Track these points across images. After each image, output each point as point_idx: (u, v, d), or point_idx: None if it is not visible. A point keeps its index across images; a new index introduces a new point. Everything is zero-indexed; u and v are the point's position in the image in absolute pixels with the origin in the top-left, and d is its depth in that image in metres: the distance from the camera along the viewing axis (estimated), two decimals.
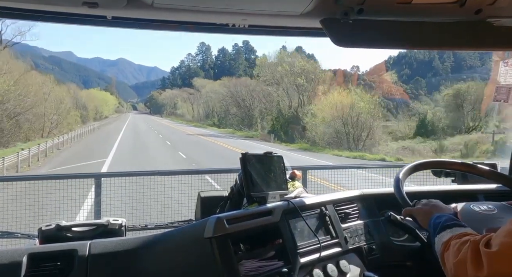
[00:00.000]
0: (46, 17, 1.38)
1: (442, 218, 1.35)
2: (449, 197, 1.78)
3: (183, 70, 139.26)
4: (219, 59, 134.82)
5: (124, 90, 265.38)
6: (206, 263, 1.32)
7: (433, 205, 1.48)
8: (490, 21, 1.42)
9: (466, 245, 1.14)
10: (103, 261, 1.39)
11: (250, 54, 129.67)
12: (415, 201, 1.60)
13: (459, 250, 1.15)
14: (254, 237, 1.46)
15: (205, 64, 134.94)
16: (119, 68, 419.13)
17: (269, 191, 1.59)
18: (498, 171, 2.04)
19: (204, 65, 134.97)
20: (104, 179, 4.94)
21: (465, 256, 1.12)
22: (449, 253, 1.20)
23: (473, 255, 1.09)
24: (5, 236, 2.10)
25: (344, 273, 1.57)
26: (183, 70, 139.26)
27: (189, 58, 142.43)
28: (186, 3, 1.29)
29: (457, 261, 1.14)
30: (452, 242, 1.21)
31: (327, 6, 1.28)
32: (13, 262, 1.31)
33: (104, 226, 1.66)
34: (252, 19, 1.48)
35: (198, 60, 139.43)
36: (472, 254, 1.10)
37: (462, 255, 1.13)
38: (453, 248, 1.18)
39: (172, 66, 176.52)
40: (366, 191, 1.95)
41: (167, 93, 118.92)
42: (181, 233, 1.52)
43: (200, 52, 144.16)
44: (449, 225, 1.30)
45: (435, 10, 1.33)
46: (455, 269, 1.15)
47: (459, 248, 1.16)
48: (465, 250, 1.13)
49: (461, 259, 1.13)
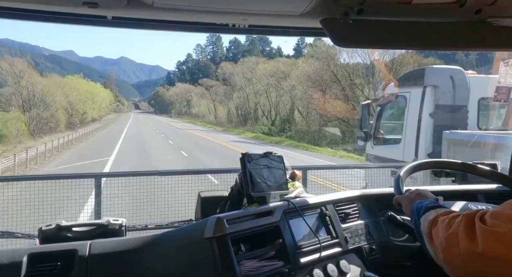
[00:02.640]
0: (46, 17, 1.38)
1: (425, 202, 1.37)
2: (449, 197, 1.78)
3: (190, 64, 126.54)
4: (231, 51, 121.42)
5: (126, 88, 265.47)
6: (206, 263, 1.32)
7: (418, 193, 1.50)
8: (490, 21, 1.41)
9: (458, 219, 1.12)
10: (103, 261, 1.39)
11: (265, 46, 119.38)
12: (406, 189, 1.63)
13: (450, 224, 1.13)
14: (254, 237, 1.45)
15: (216, 57, 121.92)
16: (120, 67, 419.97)
17: (269, 191, 1.60)
18: (498, 171, 2.04)
19: (215, 58, 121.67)
20: (104, 179, 4.95)
21: (457, 229, 1.09)
22: (437, 228, 1.18)
23: (467, 227, 1.07)
24: (5, 236, 2.11)
25: (344, 273, 1.57)
26: (190, 64, 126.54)
27: (198, 50, 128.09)
28: (186, 3, 1.29)
29: (448, 234, 1.12)
30: (440, 219, 1.20)
31: (327, 6, 1.28)
32: (13, 262, 1.31)
33: (104, 226, 1.66)
34: (252, 19, 1.48)
35: (208, 52, 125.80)
36: (466, 227, 1.07)
37: (454, 229, 1.11)
38: (442, 223, 1.17)
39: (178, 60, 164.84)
40: (366, 191, 1.95)
41: (177, 88, 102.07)
42: (181, 233, 1.52)
43: (210, 43, 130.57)
44: (433, 206, 1.32)
45: (435, 10, 1.33)
46: (446, 242, 1.12)
47: (450, 222, 1.14)
48: (458, 223, 1.10)
49: (452, 232, 1.11)
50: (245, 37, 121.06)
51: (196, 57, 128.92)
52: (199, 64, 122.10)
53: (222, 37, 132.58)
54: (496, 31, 1.44)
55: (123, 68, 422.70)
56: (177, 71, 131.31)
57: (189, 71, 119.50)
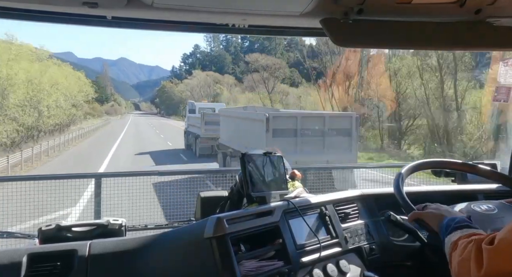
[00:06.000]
0: (46, 17, 1.38)
1: (455, 220, 1.33)
2: (449, 197, 1.78)
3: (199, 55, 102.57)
4: (246, 39, 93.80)
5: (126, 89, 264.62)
6: (206, 263, 1.32)
7: (445, 209, 1.46)
8: (490, 21, 1.42)
9: (471, 244, 1.13)
10: (103, 261, 1.39)
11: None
12: (423, 205, 1.53)
13: (464, 249, 1.15)
14: (254, 237, 1.45)
15: (230, 46, 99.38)
16: (120, 68, 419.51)
17: (269, 191, 1.59)
18: (498, 171, 2.04)
19: (228, 47, 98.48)
20: (104, 179, 4.95)
21: (468, 255, 1.11)
22: (456, 252, 1.19)
23: (476, 253, 1.08)
24: (5, 236, 2.10)
25: (344, 273, 1.57)
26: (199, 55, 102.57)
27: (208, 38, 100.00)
28: (186, 3, 1.29)
29: (461, 260, 1.13)
30: (460, 242, 1.20)
31: (327, 6, 1.28)
32: (13, 262, 1.31)
33: (104, 226, 1.66)
34: (252, 19, 1.48)
35: (222, 41, 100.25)
36: (476, 252, 1.09)
37: (466, 254, 1.12)
38: (460, 247, 1.18)
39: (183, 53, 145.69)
40: (366, 191, 1.95)
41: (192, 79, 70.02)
42: (181, 233, 1.52)
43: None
44: (460, 226, 1.29)
45: (435, 10, 1.33)
46: (458, 268, 1.14)
47: (465, 247, 1.15)
48: (470, 248, 1.12)
49: (464, 257, 1.12)
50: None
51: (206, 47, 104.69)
52: (211, 54, 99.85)
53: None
54: (496, 31, 1.44)
55: (123, 69, 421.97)
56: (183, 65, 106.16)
57: (200, 63, 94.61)
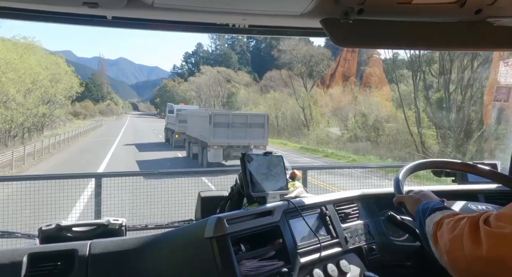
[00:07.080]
0: (46, 17, 1.38)
1: (431, 203, 1.37)
2: (449, 197, 1.78)
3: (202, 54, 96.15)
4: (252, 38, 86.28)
5: (124, 89, 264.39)
6: (206, 263, 1.32)
7: (423, 194, 1.50)
8: (490, 21, 1.42)
9: (463, 221, 1.12)
10: (103, 261, 1.39)
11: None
12: (408, 190, 1.63)
13: (454, 227, 1.13)
14: (254, 237, 1.45)
15: (235, 45, 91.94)
16: (119, 68, 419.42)
17: (269, 191, 1.60)
18: (498, 171, 2.04)
19: (234, 46, 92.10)
20: (104, 179, 4.95)
21: (461, 232, 1.09)
22: (442, 230, 1.18)
23: (471, 230, 1.07)
24: (5, 236, 2.10)
25: (344, 273, 1.57)
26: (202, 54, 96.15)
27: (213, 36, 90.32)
28: (186, 3, 1.29)
29: (452, 237, 1.12)
30: (445, 221, 1.20)
31: (327, 6, 1.28)
32: (13, 262, 1.31)
33: (104, 226, 1.67)
34: (252, 19, 1.48)
35: (227, 39, 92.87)
36: (471, 229, 1.07)
37: (459, 231, 1.10)
38: (447, 225, 1.17)
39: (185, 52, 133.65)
40: (366, 191, 1.95)
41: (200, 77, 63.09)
42: (181, 233, 1.53)
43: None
44: (439, 207, 1.32)
45: (435, 10, 1.34)
46: (450, 245, 1.12)
47: (455, 225, 1.14)
48: (462, 225, 1.10)
49: (457, 234, 1.10)
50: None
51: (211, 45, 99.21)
52: (215, 53, 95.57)
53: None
54: (496, 31, 1.44)
55: (122, 69, 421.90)
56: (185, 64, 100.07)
57: (204, 62, 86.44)
